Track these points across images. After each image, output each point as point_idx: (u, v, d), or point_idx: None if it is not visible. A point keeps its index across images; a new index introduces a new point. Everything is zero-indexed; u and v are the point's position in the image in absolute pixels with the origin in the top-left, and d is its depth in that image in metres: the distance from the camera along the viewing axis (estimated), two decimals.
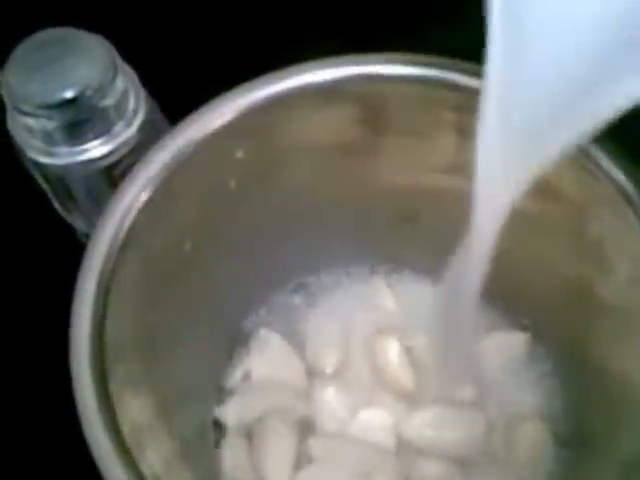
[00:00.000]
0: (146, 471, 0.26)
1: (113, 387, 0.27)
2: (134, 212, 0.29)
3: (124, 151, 0.33)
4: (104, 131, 0.33)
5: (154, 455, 0.28)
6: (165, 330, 0.31)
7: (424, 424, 0.33)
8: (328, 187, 0.34)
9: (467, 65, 0.30)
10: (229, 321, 0.36)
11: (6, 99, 0.32)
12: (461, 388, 0.34)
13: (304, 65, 0.30)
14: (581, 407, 0.33)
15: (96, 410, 0.26)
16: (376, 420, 0.33)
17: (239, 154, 0.31)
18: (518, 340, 0.35)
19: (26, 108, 0.31)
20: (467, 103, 0.29)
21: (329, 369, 0.35)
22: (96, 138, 0.33)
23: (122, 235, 0.28)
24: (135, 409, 0.28)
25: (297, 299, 0.37)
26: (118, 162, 0.34)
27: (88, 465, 0.25)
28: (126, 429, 0.26)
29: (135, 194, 0.29)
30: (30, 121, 0.32)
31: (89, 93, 0.31)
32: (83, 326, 0.27)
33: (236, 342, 0.36)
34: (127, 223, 0.28)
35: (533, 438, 0.33)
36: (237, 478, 0.32)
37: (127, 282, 0.28)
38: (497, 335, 0.35)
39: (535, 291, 0.34)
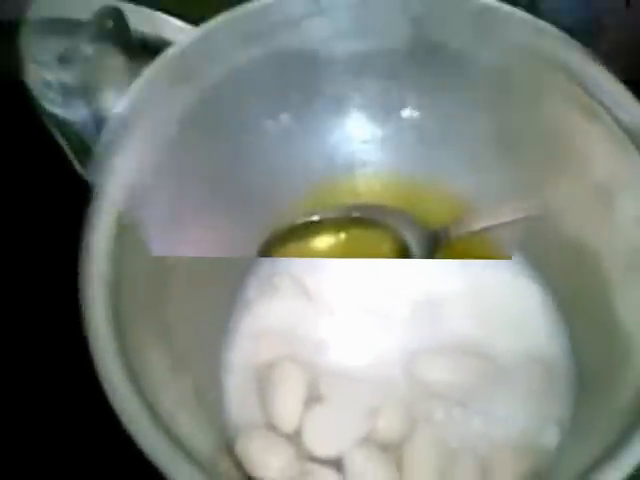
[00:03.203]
0: (160, 410, 0.26)
1: (127, 328, 0.27)
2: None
3: None
4: None
5: (167, 396, 0.28)
6: (179, 272, 0.31)
7: (436, 368, 0.33)
8: None
9: None
10: (242, 266, 0.36)
11: (25, 52, 0.32)
12: None
13: None
14: (584, 352, 0.34)
15: (112, 351, 0.27)
16: (388, 357, 0.34)
17: None
18: (531, 290, 0.36)
19: (44, 60, 0.32)
20: None
21: (339, 310, 0.35)
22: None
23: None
24: (148, 351, 0.29)
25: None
26: None
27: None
28: (140, 370, 0.27)
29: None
30: (47, 73, 0.33)
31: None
32: (98, 267, 0.28)
33: (249, 287, 0.36)
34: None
35: (537, 383, 0.33)
36: (245, 417, 0.33)
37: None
38: (511, 285, 0.36)
39: (546, 239, 0.34)
